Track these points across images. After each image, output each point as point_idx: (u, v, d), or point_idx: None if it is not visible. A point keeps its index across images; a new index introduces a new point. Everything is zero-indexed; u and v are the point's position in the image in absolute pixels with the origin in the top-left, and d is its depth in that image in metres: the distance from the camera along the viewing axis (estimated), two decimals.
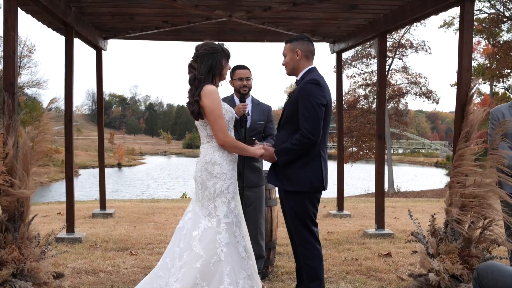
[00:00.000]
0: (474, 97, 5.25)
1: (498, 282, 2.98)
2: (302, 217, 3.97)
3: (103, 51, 9.21)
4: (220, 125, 3.80)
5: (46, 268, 4.60)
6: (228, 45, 4.01)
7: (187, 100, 3.93)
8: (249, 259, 3.91)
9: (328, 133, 4.11)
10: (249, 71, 5.03)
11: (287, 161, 3.93)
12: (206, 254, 3.67)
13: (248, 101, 5.03)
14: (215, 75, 3.89)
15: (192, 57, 3.94)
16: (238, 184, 4.18)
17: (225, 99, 5.00)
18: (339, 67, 9.72)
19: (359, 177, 37.90)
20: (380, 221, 7.51)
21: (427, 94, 32.65)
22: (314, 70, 4.07)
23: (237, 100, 5.00)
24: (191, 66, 3.92)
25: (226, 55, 3.93)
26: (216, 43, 3.94)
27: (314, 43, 4.25)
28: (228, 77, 4.30)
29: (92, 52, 9.28)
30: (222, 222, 3.78)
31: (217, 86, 3.91)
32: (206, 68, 3.84)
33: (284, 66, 4.19)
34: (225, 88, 4.70)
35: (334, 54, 9.60)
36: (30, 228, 4.73)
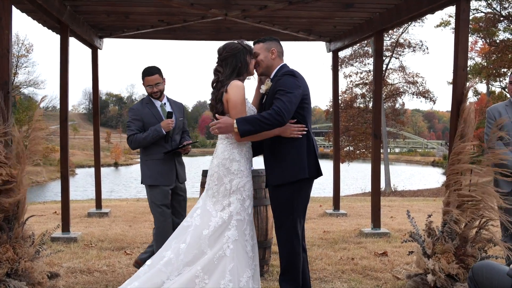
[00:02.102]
0: (470, 95, 5.26)
1: (493, 281, 2.98)
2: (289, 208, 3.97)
3: (98, 50, 9.20)
4: None
5: (40, 267, 4.58)
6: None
7: (210, 102, 3.99)
8: (254, 260, 3.92)
9: (311, 121, 4.10)
10: (158, 76, 5.11)
11: (249, 131, 3.73)
12: (212, 250, 3.70)
13: (165, 100, 5.25)
14: (242, 73, 3.95)
15: (217, 62, 4.00)
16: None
17: (142, 102, 5.17)
18: (335, 66, 9.71)
19: (356, 176, 37.90)
20: (376, 220, 7.50)
21: (424, 94, 32.67)
22: (286, 66, 4.11)
23: (155, 101, 5.18)
24: (216, 71, 3.97)
25: (249, 51, 3.99)
26: (236, 42, 3.99)
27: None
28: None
29: (89, 51, 9.26)
30: (233, 218, 3.80)
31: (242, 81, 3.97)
32: (231, 70, 3.90)
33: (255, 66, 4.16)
34: (252, 82, 4.78)
35: (330, 53, 9.58)
36: (25, 228, 4.72)
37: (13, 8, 5.46)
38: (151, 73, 5.10)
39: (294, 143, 3.93)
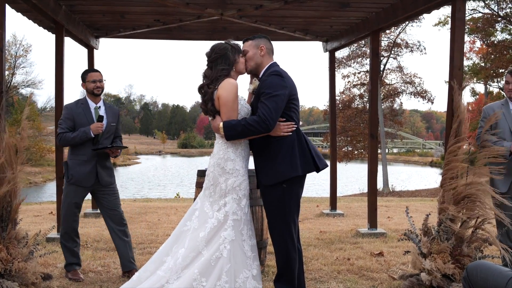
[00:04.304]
0: (468, 95, 5.27)
1: (488, 281, 2.96)
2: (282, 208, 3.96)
3: (95, 49, 9.17)
4: (230, 119, 3.79)
5: (34, 268, 4.56)
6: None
7: (201, 107, 4.01)
8: (255, 259, 3.89)
9: (299, 121, 4.08)
10: (100, 74, 5.32)
11: (233, 136, 3.81)
12: (209, 251, 3.69)
13: (101, 103, 5.32)
14: (230, 71, 3.92)
15: (207, 65, 3.98)
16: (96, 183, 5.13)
17: (78, 102, 5.27)
18: (332, 66, 9.68)
19: (354, 177, 37.88)
20: (372, 221, 7.49)
21: (422, 94, 32.69)
22: (275, 64, 4.08)
23: (91, 103, 5.28)
24: (204, 76, 3.96)
25: (237, 50, 3.97)
26: (223, 42, 3.97)
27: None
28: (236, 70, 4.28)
29: (86, 51, 9.23)
30: (230, 218, 3.79)
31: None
32: (221, 70, 3.88)
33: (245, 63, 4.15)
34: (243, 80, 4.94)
35: (327, 53, 9.56)
36: (19, 228, 4.69)
37: (9, 8, 5.43)
38: (95, 70, 5.35)
39: (284, 141, 3.90)
